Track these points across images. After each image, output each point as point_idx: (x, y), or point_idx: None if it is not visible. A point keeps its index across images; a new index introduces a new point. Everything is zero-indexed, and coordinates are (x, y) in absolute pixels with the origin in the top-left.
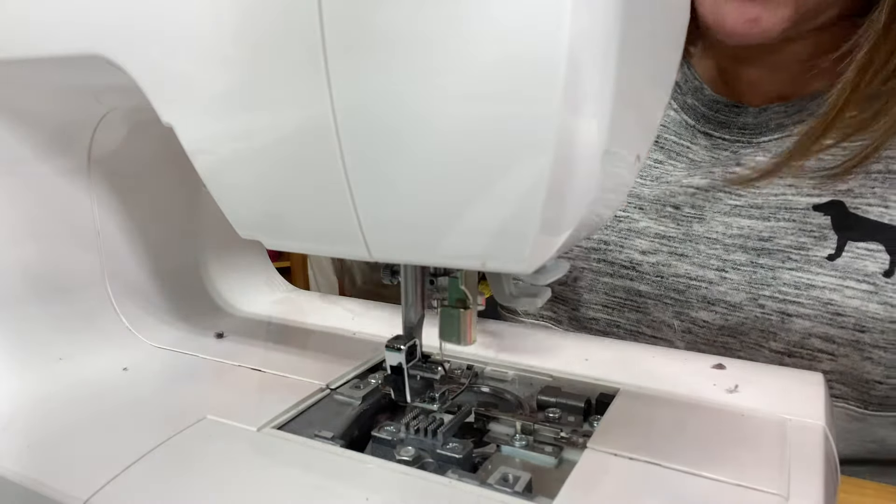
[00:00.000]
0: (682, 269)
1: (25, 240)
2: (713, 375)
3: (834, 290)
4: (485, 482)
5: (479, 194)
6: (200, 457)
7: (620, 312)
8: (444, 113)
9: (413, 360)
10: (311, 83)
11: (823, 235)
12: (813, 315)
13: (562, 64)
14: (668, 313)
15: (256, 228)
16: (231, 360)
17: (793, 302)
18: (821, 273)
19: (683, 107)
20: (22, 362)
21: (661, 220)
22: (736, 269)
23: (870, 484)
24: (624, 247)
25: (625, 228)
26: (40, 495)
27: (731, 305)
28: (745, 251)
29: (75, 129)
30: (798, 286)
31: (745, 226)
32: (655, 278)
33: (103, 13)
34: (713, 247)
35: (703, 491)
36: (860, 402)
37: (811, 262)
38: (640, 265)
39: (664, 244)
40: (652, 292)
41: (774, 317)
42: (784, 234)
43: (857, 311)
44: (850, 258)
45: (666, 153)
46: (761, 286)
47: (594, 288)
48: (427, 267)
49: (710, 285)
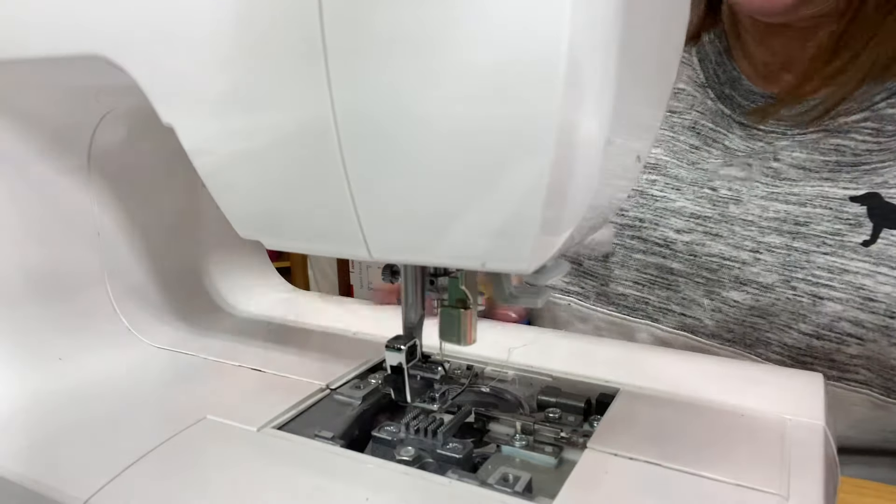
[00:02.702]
0: (716, 249)
1: (25, 240)
2: (713, 375)
3: (867, 275)
4: (485, 482)
5: (480, 194)
6: (200, 457)
7: (650, 289)
8: (443, 113)
9: (413, 360)
10: (311, 84)
11: (859, 223)
12: (844, 299)
13: (561, 64)
14: (699, 292)
15: (256, 228)
16: (231, 360)
17: (825, 285)
18: (855, 258)
19: (721, 96)
20: (22, 362)
21: (697, 201)
22: (770, 251)
23: (870, 484)
24: (659, 225)
25: (661, 207)
26: (40, 495)
27: (763, 286)
28: (780, 234)
29: (75, 129)
30: (831, 270)
31: (782, 210)
32: (689, 257)
33: (103, 13)
34: (748, 228)
35: (703, 491)
36: (884, 390)
37: (846, 247)
38: (674, 243)
39: (699, 224)
40: (684, 270)
41: (806, 299)
42: (820, 220)
43: (888, 297)
44: (884, 245)
45: (702, 139)
46: (795, 269)
47: (626, 264)
48: (427, 267)
49: (743, 266)
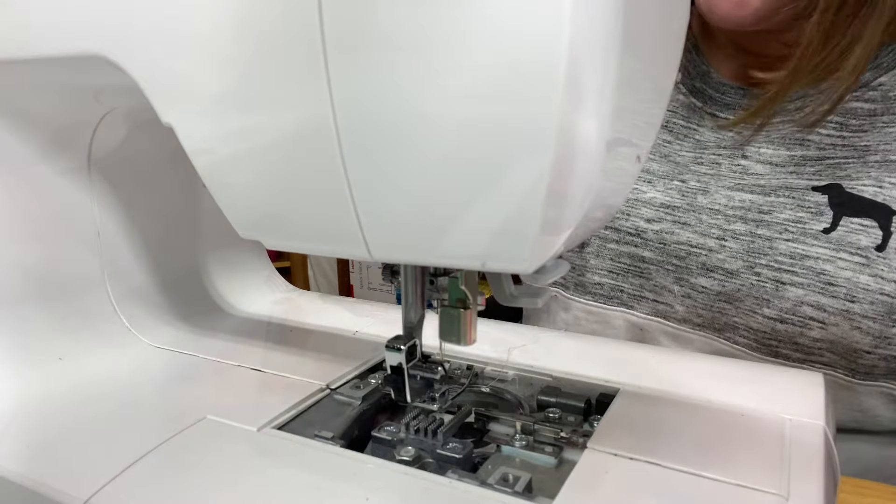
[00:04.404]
0: (684, 237)
1: (25, 240)
2: (713, 375)
3: (827, 260)
4: (485, 482)
5: (480, 194)
6: (200, 457)
7: (625, 278)
8: (444, 113)
9: (413, 360)
10: (311, 83)
11: (820, 211)
12: (806, 284)
13: (562, 64)
14: (669, 279)
15: (256, 228)
16: (231, 360)
17: (787, 271)
18: (816, 245)
19: (692, 90)
20: (22, 362)
21: (667, 192)
22: (735, 239)
23: (870, 484)
24: (630, 215)
25: (632, 199)
26: (40, 495)
27: (729, 272)
28: (744, 222)
29: (75, 129)
30: (793, 256)
31: (747, 199)
32: (658, 245)
33: (103, 13)
34: (715, 217)
35: (703, 491)
36: (848, 371)
37: (807, 234)
38: (645, 232)
39: (668, 213)
40: (655, 258)
41: (769, 284)
42: (783, 208)
43: (848, 282)
44: (844, 232)
45: (674, 134)
46: (758, 255)
47: (600, 254)
48: (427, 267)
49: (709, 253)
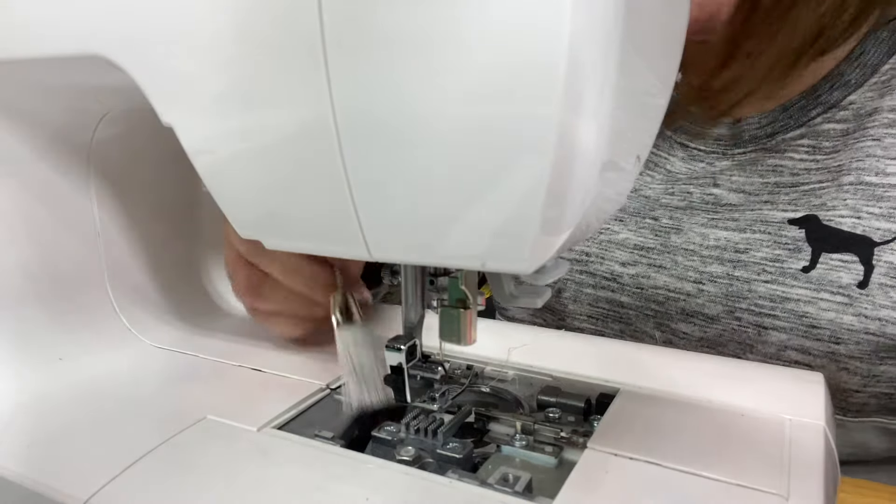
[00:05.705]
0: (661, 281)
1: (25, 239)
2: (713, 375)
3: (809, 302)
4: (485, 482)
5: (479, 194)
6: (200, 457)
7: (605, 323)
8: (444, 113)
9: (413, 360)
10: (311, 83)
11: (798, 248)
12: (789, 328)
13: (562, 64)
14: (650, 325)
15: (256, 228)
16: (231, 360)
17: (769, 315)
18: (795, 286)
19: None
20: (22, 362)
21: (639, 232)
22: (713, 282)
23: (869, 484)
24: (605, 258)
25: (605, 240)
26: (40, 495)
27: (709, 318)
28: (721, 263)
29: (75, 129)
30: (773, 299)
31: (722, 237)
32: (636, 290)
33: (103, 13)
34: (690, 258)
35: (703, 491)
36: (839, 410)
37: (786, 274)
38: (621, 277)
39: (643, 256)
40: (633, 304)
41: (751, 330)
42: (759, 245)
43: (831, 324)
44: (824, 270)
45: (644, 165)
46: (738, 299)
47: (578, 299)
48: (427, 267)
49: (688, 297)
